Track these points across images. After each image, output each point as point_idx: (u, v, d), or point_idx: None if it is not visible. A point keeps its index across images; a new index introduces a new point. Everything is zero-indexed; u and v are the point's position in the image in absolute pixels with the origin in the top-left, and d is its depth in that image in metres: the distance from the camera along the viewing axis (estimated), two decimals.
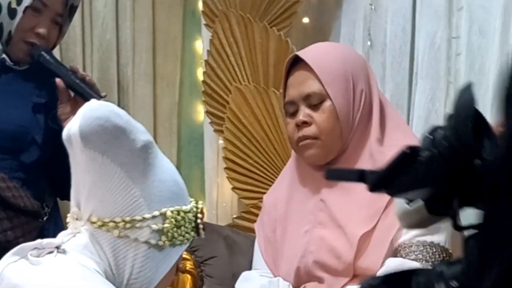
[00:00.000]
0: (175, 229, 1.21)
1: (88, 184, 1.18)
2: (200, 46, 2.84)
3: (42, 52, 1.98)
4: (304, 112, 1.80)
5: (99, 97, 1.97)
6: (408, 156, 0.84)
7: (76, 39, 2.65)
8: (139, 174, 1.18)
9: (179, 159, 2.87)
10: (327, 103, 1.79)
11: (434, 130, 0.85)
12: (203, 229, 1.28)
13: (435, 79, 2.35)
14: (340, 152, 1.81)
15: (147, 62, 2.79)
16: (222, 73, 2.62)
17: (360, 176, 0.88)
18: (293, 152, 1.94)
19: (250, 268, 2.02)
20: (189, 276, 2.17)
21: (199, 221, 1.27)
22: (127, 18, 2.74)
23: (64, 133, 1.19)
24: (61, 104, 1.98)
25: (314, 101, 1.79)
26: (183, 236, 1.23)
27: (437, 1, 2.35)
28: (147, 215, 1.18)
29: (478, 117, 0.83)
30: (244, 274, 1.95)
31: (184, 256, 2.18)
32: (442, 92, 2.35)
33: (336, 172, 1.13)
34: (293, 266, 1.81)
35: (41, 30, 1.97)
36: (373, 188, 0.87)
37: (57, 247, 1.18)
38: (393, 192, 0.89)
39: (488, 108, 2.29)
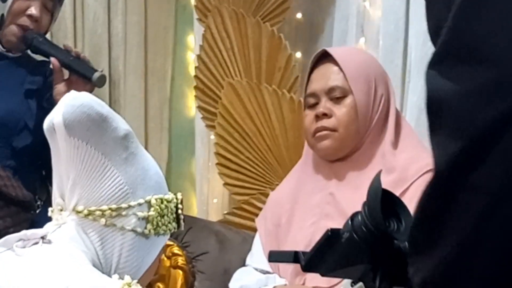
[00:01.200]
0: (159, 217, 1.21)
1: (73, 173, 1.18)
2: (192, 40, 2.83)
3: (36, 35, 1.98)
4: (325, 105, 1.84)
5: (95, 71, 1.97)
6: (331, 237, 0.95)
7: (67, 32, 2.64)
8: (123, 162, 1.18)
9: (170, 154, 2.86)
10: (349, 99, 1.83)
11: (354, 215, 0.97)
12: (184, 220, 1.29)
13: None
14: (353, 150, 1.85)
15: (139, 57, 2.78)
16: (214, 68, 2.62)
17: (295, 257, 1.00)
18: (305, 150, 1.96)
19: (241, 264, 2.02)
20: (180, 272, 2.16)
21: (179, 211, 1.27)
22: (119, 12, 2.73)
23: (46, 123, 1.19)
24: (57, 84, 1.98)
25: (337, 95, 1.84)
26: (166, 226, 1.23)
27: None
28: (132, 203, 1.18)
29: (389, 199, 0.95)
30: (239, 271, 1.95)
31: (175, 252, 2.18)
32: None
33: (276, 254, 1.27)
34: None
35: (33, 12, 1.96)
36: (306, 268, 0.98)
37: (43, 238, 1.17)
38: (324, 271, 0.98)
39: None
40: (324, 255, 0.96)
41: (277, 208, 1.93)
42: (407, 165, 1.79)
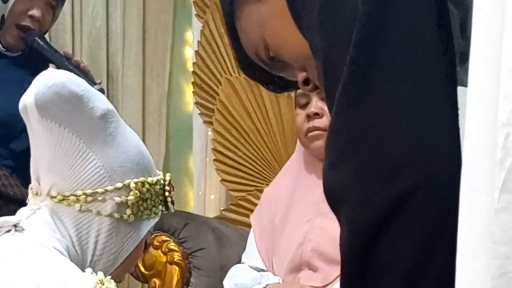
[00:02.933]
0: (140, 202, 1.14)
1: (47, 156, 1.12)
2: (191, 36, 2.82)
3: (36, 38, 1.96)
4: (316, 104, 1.83)
5: (94, 84, 1.95)
6: None
7: (65, 26, 2.63)
8: (100, 144, 1.11)
9: (168, 150, 2.86)
10: None
11: None
12: (172, 202, 1.21)
13: None
14: None
15: (137, 51, 2.77)
16: (213, 64, 2.61)
17: None
18: (297, 146, 1.95)
19: (238, 260, 2.02)
20: (177, 268, 2.16)
21: (167, 193, 1.20)
22: (118, 6, 2.72)
23: (20, 104, 1.14)
24: None
25: None
26: (150, 209, 1.16)
27: None
28: (109, 187, 1.12)
29: None
30: (234, 269, 1.95)
31: (172, 247, 2.18)
32: None
33: None
34: (289, 253, 1.82)
35: (36, 12, 1.94)
36: None
37: (15, 225, 1.12)
38: None
39: None
40: None
41: (272, 205, 1.93)
42: None
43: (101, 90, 1.98)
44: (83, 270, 1.08)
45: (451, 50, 0.68)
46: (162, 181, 1.20)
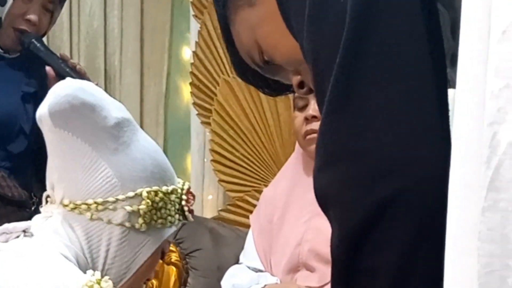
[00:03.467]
0: (153, 211, 1.14)
1: (60, 165, 1.13)
2: (188, 37, 2.82)
3: (33, 40, 1.96)
4: (314, 107, 1.83)
5: None
6: None
7: (63, 27, 2.63)
8: (112, 153, 1.11)
9: (165, 150, 2.85)
10: None
11: None
12: (190, 211, 1.20)
13: None
14: None
15: (135, 51, 2.78)
16: (210, 65, 2.61)
17: None
18: (296, 147, 1.95)
19: (235, 261, 2.02)
20: (174, 268, 2.16)
21: (184, 203, 1.19)
22: (115, 6, 2.72)
23: (36, 113, 1.14)
24: None
25: None
26: (164, 218, 1.15)
27: None
28: (120, 196, 1.11)
29: None
30: (232, 269, 1.95)
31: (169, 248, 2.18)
32: None
33: None
34: (286, 254, 1.82)
35: (32, 17, 1.94)
36: None
37: (24, 231, 1.13)
38: None
39: None
40: None
41: (270, 205, 1.93)
42: None
43: None
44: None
45: (440, 52, 0.69)
46: (179, 190, 1.19)
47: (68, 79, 1.14)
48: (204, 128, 2.69)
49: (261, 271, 1.90)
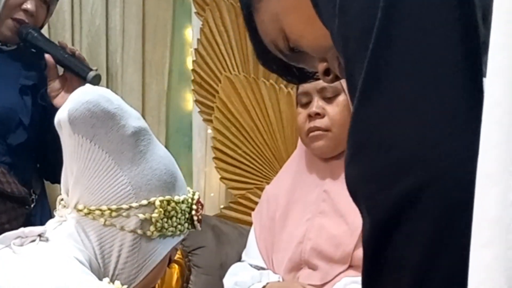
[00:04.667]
0: (165, 219, 1.17)
1: (76, 170, 1.15)
2: (190, 34, 2.82)
3: (30, 30, 1.96)
4: (317, 104, 1.83)
5: (90, 70, 1.96)
6: None
7: (65, 24, 2.63)
8: (128, 161, 1.14)
9: (167, 148, 2.79)
10: (341, 97, 1.82)
11: None
12: (199, 221, 1.24)
13: None
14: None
15: (136, 49, 2.77)
16: (212, 62, 2.61)
17: None
18: (298, 144, 1.95)
19: (237, 258, 2.02)
20: (176, 266, 2.16)
21: (193, 212, 1.22)
22: (117, 4, 2.72)
23: (55, 118, 1.17)
24: (51, 80, 1.97)
25: (329, 94, 1.83)
26: (175, 227, 1.19)
27: None
28: (134, 204, 1.15)
29: None
30: (234, 267, 1.95)
31: None
32: None
33: None
34: (288, 252, 1.82)
35: (29, 6, 1.95)
36: None
37: (40, 235, 1.15)
38: None
39: None
40: None
41: (273, 202, 1.93)
42: None
43: (98, 76, 1.99)
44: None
45: (475, 40, 0.67)
46: (189, 200, 1.22)
47: (87, 85, 1.17)
48: (206, 125, 2.69)
49: (263, 268, 1.90)
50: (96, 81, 1.97)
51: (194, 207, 1.23)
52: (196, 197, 1.24)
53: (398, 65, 0.68)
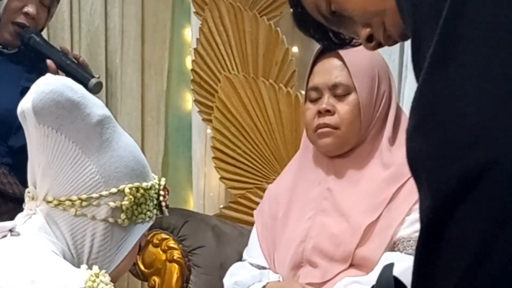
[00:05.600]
0: (135, 206, 1.18)
1: (43, 162, 1.15)
2: (189, 34, 2.82)
3: (32, 34, 1.97)
4: (328, 101, 1.83)
5: (92, 77, 1.96)
6: None
7: (64, 25, 2.62)
8: (95, 150, 1.14)
9: (167, 148, 2.85)
10: (352, 96, 1.82)
11: None
12: (167, 206, 1.24)
13: None
14: (354, 147, 1.84)
15: (136, 49, 2.77)
16: (211, 61, 2.61)
17: None
18: (303, 141, 1.95)
19: (237, 258, 2.01)
20: (176, 266, 2.16)
21: (161, 198, 1.23)
22: (116, 4, 2.72)
23: (18, 109, 1.16)
24: None
25: (340, 92, 1.83)
26: (144, 214, 1.20)
27: None
28: (104, 192, 1.15)
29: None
30: (234, 266, 1.95)
31: (171, 245, 2.18)
32: None
33: None
34: (290, 250, 1.82)
35: (30, 10, 1.95)
36: None
37: (11, 230, 1.15)
38: None
39: None
40: None
41: (275, 201, 1.93)
42: (404, 161, 1.78)
43: (99, 83, 1.98)
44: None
45: None
46: (156, 186, 1.23)
47: (48, 75, 1.16)
48: (205, 125, 2.69)
49: (264, 268, 1.89)
50: (97, 88, 1.97)
51: (162, 193, 1.23)
52: (162, 183, 1.24)
53: (472, 36, 0.65)
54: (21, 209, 1.92)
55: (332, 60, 1.84)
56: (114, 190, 1.15)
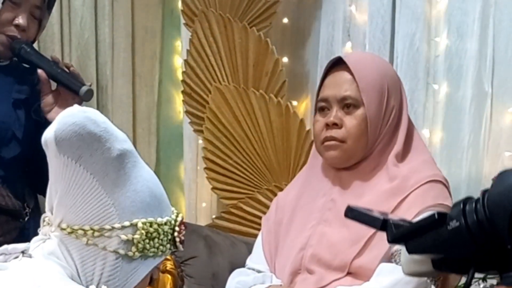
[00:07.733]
0: (147, 240, 1.20)
1: (60, 190, 1.18)
2: (179, 45, 2.83)
3: (23, 45, 1.97)
4: (336, 114, 1.84)
5: (83, 85, 1.96)
6: (436, 221, 0.89)
7: (54, 37, 2.63)
8: (112, 183, 1.17)
9: (158, 159, 2.86)
10: (360, 111, 1.83)
11: (465, 201, 0.88)
12: (181, 242, 1.26)
13: (414, 80, 2.37)
14: (360, 160, 1.86)
15: (126, 61, 2.78)
16: (202, 73, 2.62)
17: (383, 225, 0.94)
18: (312, 152, 1.97)
19: (230, 268, 2.02)
20: (169, 276, 2.16)
21: (176, 234, 1.25)
22: (106, 16, 2.73)
23: (42, 138, 1.20)
24: (44, 95, 1.98)
25: (348, 106, 1.84)
26: (156, 248, 1.21)
27: (416, 2, 2.37)
28: (116, 225, 1.17)
29: None
30: (236, 271, 1.96)
31: None
32: (421, 93, 2.37)
33: (358, 213, 1.04)
34: (290, 257, 1.84)
35: (21, 21, 1.96)
36: (393, 240, 0.93)
37: (23, 252, 1.18)
38: (411, 249, 0.93)
39: (466, 109, 2.32)
40: (422, 235, 0.90)
41: (281, 209, 1.95)
42: (409, 175, 1.80)
43: (90, 91, 1.99)
44: None
45: None
46: (172, 222, 1.24)
47: (75, 106, 1.19)
48: (196, 136, 2.70)
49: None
50: (88, 96, 1.98)
51: (177, 228, 1.25)
52: (179, 218, 1.26)
53: None
54: (13, 222, 1.94)
55: (342, 73, 1.85)
56: (127, 223, 1.18)
